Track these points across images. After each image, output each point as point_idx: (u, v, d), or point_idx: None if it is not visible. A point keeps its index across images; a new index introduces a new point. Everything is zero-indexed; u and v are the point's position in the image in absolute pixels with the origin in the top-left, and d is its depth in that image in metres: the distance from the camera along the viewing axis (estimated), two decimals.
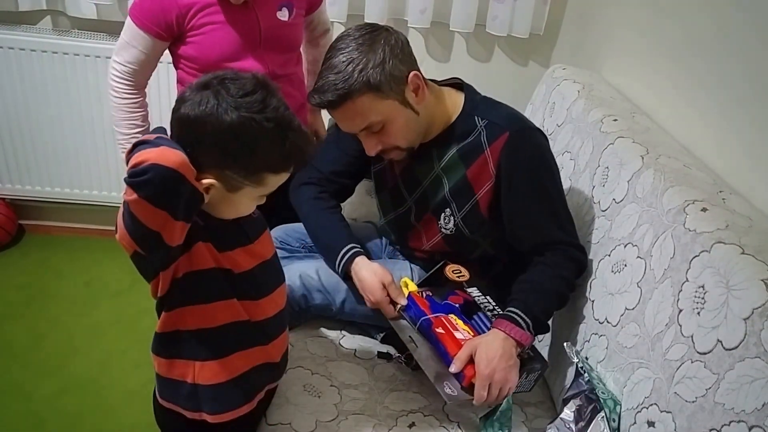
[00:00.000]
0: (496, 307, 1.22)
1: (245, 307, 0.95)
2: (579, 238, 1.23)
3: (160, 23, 1.36)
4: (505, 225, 1.22)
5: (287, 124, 0.82)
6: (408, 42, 1.17)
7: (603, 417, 1.05)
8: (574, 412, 1.07)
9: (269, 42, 1.44)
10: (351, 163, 1.38)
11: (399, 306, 1.22)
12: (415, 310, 1.21)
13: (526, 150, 1.17)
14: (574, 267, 1.19)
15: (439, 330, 1.16)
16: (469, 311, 1.23)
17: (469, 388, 1.08)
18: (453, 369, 1.09)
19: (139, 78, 1.46)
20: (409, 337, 1.19)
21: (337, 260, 1.27)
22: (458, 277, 1.26)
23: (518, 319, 1.11)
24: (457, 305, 1.24)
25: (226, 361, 0.96)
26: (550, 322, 1.24)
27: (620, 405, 1.06)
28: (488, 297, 1.23)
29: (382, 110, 1.13)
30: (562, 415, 1.08)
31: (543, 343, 1.35)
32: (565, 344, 1.14)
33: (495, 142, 1.17)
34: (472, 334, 1.16)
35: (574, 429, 1.06)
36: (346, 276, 1.27)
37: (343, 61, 1.09)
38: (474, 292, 1.25)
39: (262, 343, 1.00)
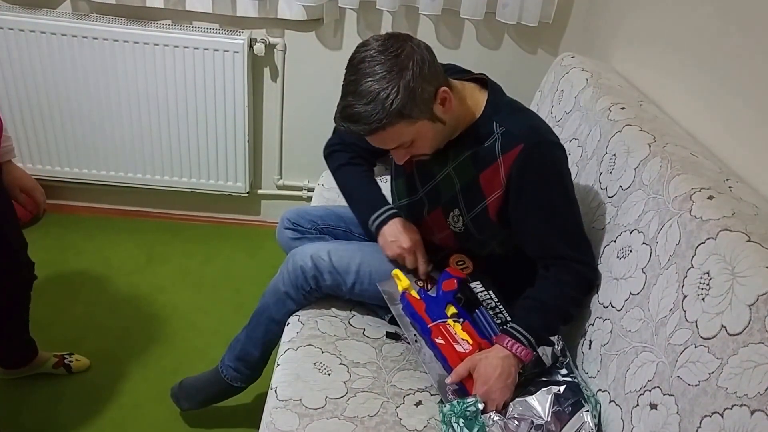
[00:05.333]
0: (498, 304, 1.23)
1: None
2: (594, 257, 1.22)
3: None
4: (512, 232, 1.22)
5: None
6: (432, 52, 1.11)
7: (588, 411, 1.07)
8: (551, 395, 1.10)
9: None
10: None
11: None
12: (413, 315, 1.23)
13: (538, 165, 1.15)
14: (582, 284, 1.18)
15: (439, 341, 1.18)
16: (469, 304, 1.24)
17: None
18: (448, 380, 1.13)
19: None
20: (414, 335, 1.21)
21: (377, 213, 1.32)
22: (462, 269, 1.27)
23: (520, 336, 1.13)
24: (450, 291, 1.25)
25: None
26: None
27: (600, 405, 1.09)
28: (491, 292, 1.24)
29: (414, 131, 1.11)
30: (528, 398, 1.10)
31: None
32: (560, 343, 1.17)
33: (509, 152, 1.15)
34: (471, 342, 1.18)
35: (543, 413, 1.08)
36: (376, 231, 1.32)
37: (373, 90, 1.04)
38: (477, 287, 1.25)
39: None
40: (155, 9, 2.03)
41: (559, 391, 1.11)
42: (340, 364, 1.24)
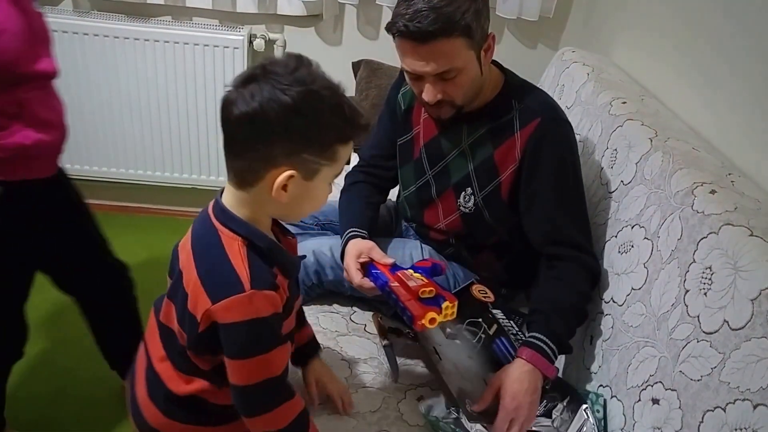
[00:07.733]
0: (519, 333, 1.19)
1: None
2: (593, 243, 1.21)
3: None
4: (521, 213, 1.21)
5: (337, 89, 0.81)
6: None
7: (587, 408, 1.06)
8: (545, 400, 1.09)
9: (45, 35, 1.21)
10: (393, 144, 1.38)
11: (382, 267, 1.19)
12: (378, 277, 1.17)
13: (554, 140, 1.16)
14: (590, 278, 1.17)
15: (394, 284, 1.11)
16: (473, 313, 1.21)
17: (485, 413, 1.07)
18: (476, 408, 1.07)
19: None
20: (433, 348, 1.17)
21: (341, 242, 1.28)
22: (484, 297, 1.23)
23: (544, 347, 1.08)
24: (424, 268, 1.18)
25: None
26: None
27: (603, 397, 1.07)
28: (512, 321, 1.21)
29: (465, 59, 1.09)
30: None
31: None
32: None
33: (526, 126, 1.16)
34: (424, 280, 1.11)
35: (540, 410, 1.08)
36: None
37: (446, 1, 1.03)
38: (499, 314, 1.21)
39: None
40: (155, 5, 2.03)
41: (553, 394, 1.10)
42: (342, 359, 1.24)
